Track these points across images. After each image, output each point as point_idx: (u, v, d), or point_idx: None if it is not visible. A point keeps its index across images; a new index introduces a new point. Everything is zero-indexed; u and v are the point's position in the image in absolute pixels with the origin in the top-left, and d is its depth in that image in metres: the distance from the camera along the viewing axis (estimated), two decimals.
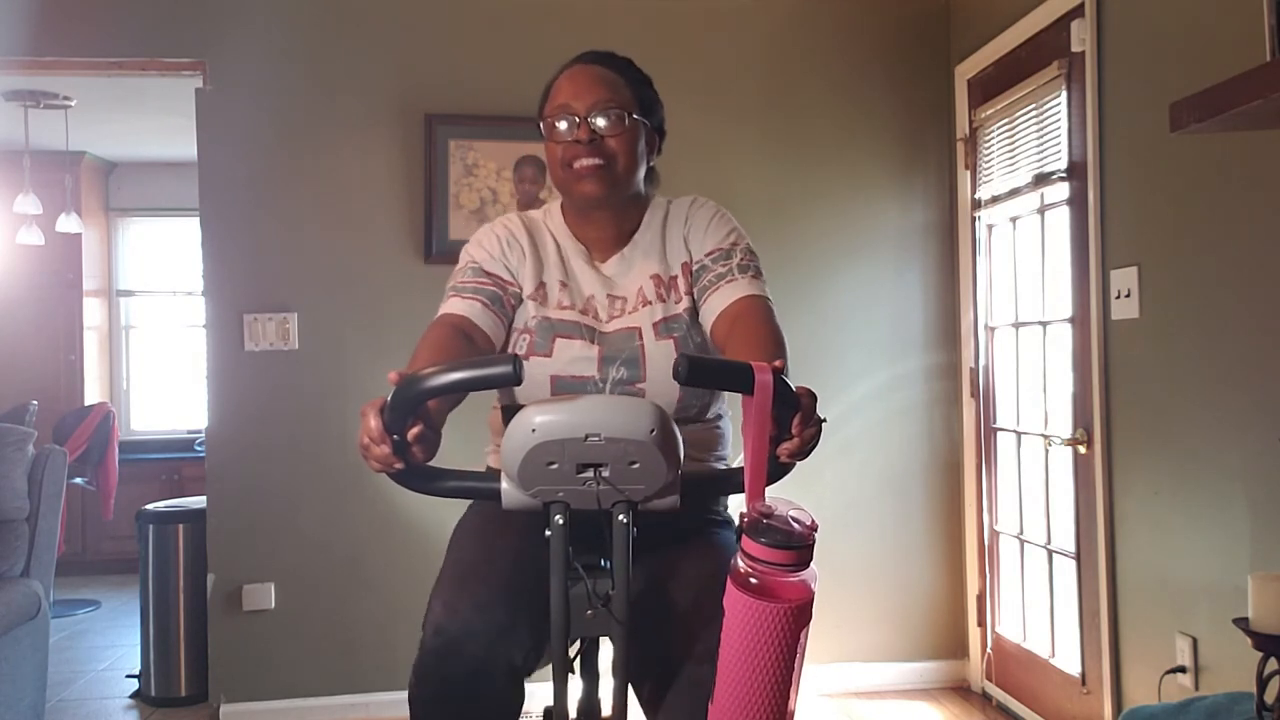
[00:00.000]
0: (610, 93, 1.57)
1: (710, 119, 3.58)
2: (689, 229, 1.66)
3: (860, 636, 3.60)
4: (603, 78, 1.58)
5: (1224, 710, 1.85)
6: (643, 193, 1.67)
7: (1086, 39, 2.76)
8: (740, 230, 1.67)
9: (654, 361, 1.56)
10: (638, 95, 1.61)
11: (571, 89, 1.57)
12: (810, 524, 1.14)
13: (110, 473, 5.36)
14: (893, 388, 3.65)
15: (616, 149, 1.56)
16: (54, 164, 5.87)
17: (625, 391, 1.55)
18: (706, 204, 1.70)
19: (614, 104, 1.56)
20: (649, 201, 1.69)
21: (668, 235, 1.67)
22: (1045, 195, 3.08)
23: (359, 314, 3.44)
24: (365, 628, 3.41)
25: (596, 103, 1.55)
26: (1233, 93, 1.73)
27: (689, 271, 1.64)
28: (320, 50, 3.45)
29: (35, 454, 3.15)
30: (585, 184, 1.57)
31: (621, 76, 1.61)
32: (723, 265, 1.60)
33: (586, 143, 1.55)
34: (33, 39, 3.35)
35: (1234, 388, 2.28)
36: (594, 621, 1.30)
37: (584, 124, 1.55)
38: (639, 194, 1.66)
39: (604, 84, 1.57)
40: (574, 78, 1.59)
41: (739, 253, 1.62)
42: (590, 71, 1.59)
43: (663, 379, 1.54)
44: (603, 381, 1.56)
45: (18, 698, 2.91)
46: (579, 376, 1.56)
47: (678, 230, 1.67)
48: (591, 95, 1.56)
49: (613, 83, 1.58)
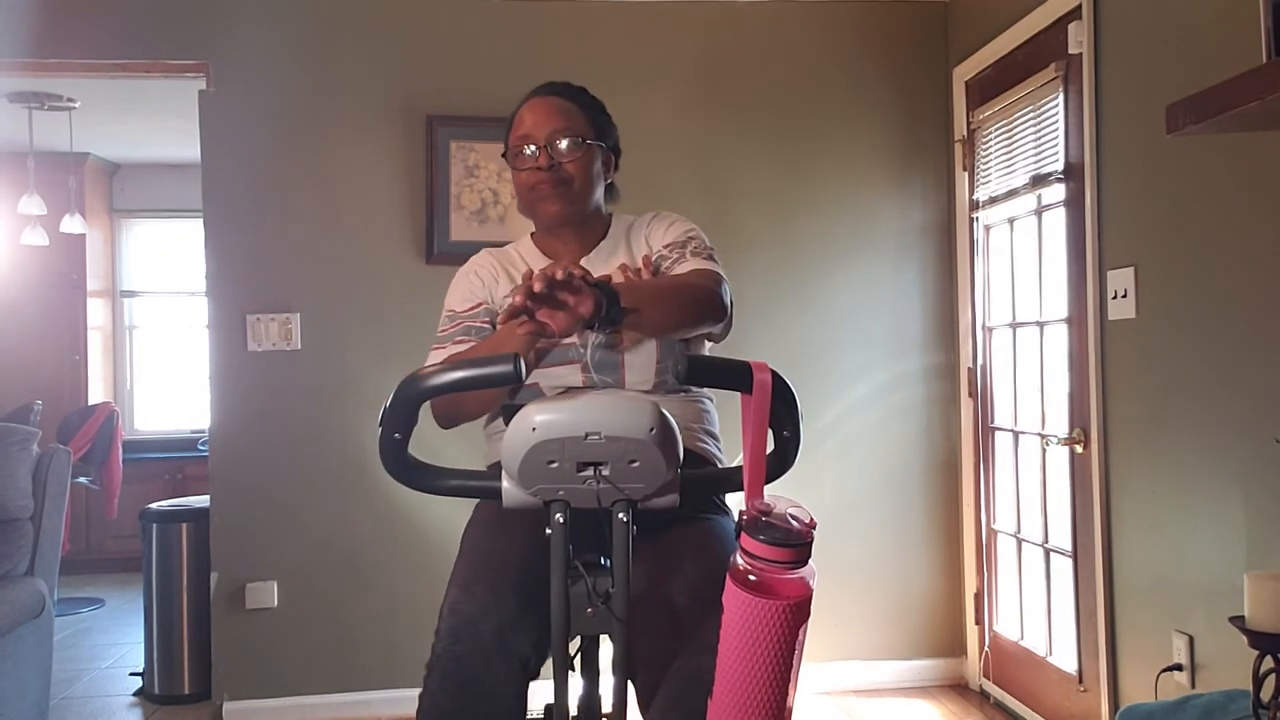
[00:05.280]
0: (566, 121, 1.72)
1: (710, 120, 3.59)
2: (650, 230, 1.81)
3: (858, 635, 3.62)
4: (559, 107, 1.74)
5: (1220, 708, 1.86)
6: (603, 209, 1.83)
7: (1084, 41, 2.77)
8: (698, 230, 1.81)
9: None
10: (592, 121, 1.76)
11: (532, 119, 1.73)
12: (809, 522, 1.15)
13: (114, 472, 5.38)
14: (891, 388, 3.66)
15: (574, 172, 1.72)
16: (58, 165, 5.88)
17: (606, 356, 1.63)
18: (668, 214, 1.84)
19: (570, 131, 1.72)
20: (611, 217, 1.85)
21: (631, 239, 1.82)
22: (1043, 196, 3.09)
23: (361, 314, 3.46)
24: (368, 626, 3.43)
25: (555, 131, 1.71)
26: (1229, 94, 1.73)
27: (649, 263, 1.76)
28: (323, 52, 3.46)
29: (40, 453, 3.17)
30: (548, 204, 1.73)
31: (576, 104, 1.76)
32: (677, 252, 1.75)
33: (547, 168, 1.70)
34: (37, 41, 3.36)
35: (1230, 388, 2.29)
36: (594, 619, 1.31)
37: (544, 150, 1.71)
38: (599, 210, 1.82)
39: (560, 113, 1.73)
40: (534, 109, 1.74)
41: (693, 243, 1.76)
42: (548, 103, 1.74)
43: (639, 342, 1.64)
44: (583, 348, 1.64)
45: (22, 695, 2.92)
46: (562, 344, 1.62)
47: (640, 234, 1.82)
48: (550, 124, 1.71)
49: (568, 111, 1.74)
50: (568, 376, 1.63)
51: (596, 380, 1.63)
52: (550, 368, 1.63)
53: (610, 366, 1.63)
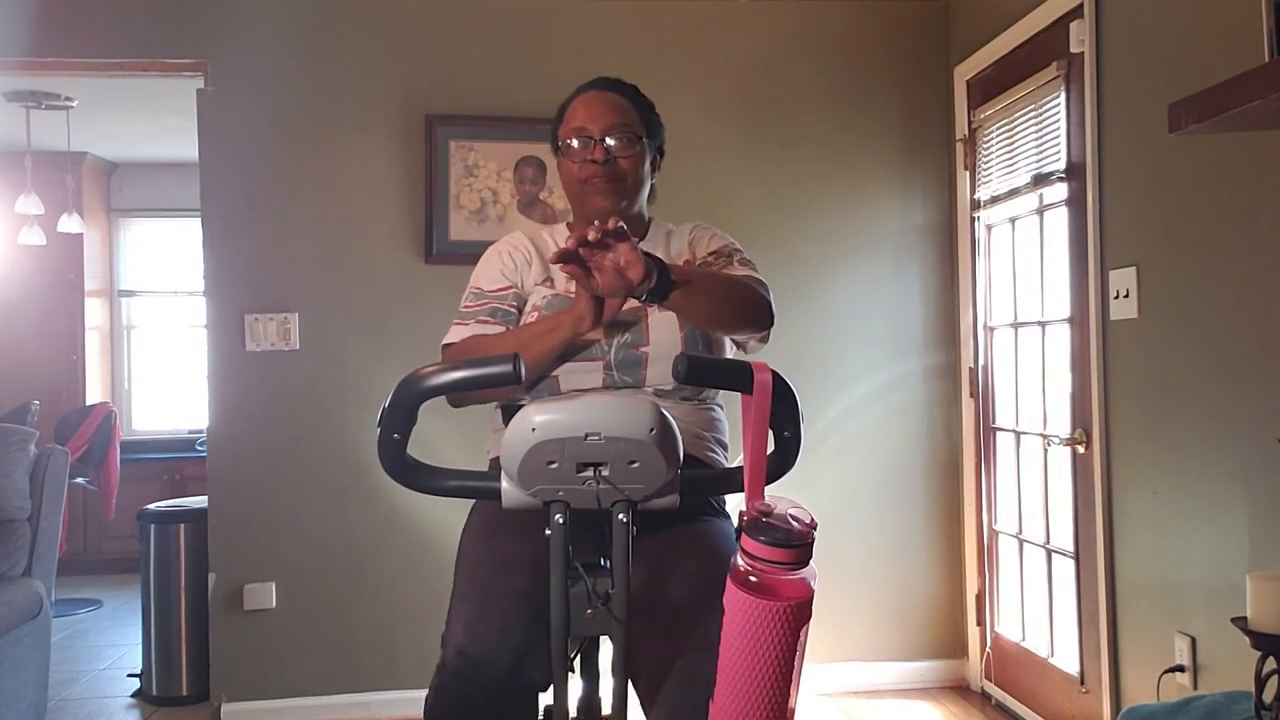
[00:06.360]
0: (622, 116, 1.73)
1: (710, 119, 3.58)
2: (692, 239, 1.81)
3: (859, 636, 3.61)
4: (615, 103, 1.74)
5: (1222, 709, 1.86)
6: (645, 212, 1.83)
7: (1085, 40, 2.77)
8: (738, 244, 1.82)
9: (657, 328, 1.64)
10: (645, 119, 1.77)
11: (586, 112, 1.73)
12: (809, 522, 1.14)
13: (112, 472, 5.37)
14: (892, 387, 3.65)
15: (627, 168, 1.72)
16: (55, 164, 5.88)
17: (629, 355, 1.62)
18: (709, 226, 1.85)
19: (626, 127, 1.72)
20: (651, 220, 1.85)
21: (671, 245, 1.79)
22: (1044, 196, 3.09)
23: (360, 314, 3.45)
24: (366, 627, 3.42)
25: (610, 126, 1.71)
26: (1231, 94, 1.73)
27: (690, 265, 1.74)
28: (321, 51, 3.45)
29: (37, 454, 3.16)
30: (600, 198, 1.72)
31: (631, 102, 1.76)
32: (723, 260, 1.75)
33: (602, 162, 1.70)
34: (34, 40, 3.35)
35: (1232, 388, 2.28)
36: (594, 621, 1.31)
37: (599, 145, 1.70)
38: (642, 213, 1.82)
39: (616, 108, 1.73)
40: (588, 102, 1.74)
41: (739, 255, 1.77)
42: (603, 97, 1.75)
43: (664, 344, 1.62)
44: (608, 347, 1.62)
45: (19, 697, 2.92)
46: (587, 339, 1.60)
47: (681, 242, 1.82)
48: (605, 119, 1.71)
49: (623, 107, 1.74)
50: (589, 374, 1.62)
51: (617, 379, 1.61)
52: (572, 364, 1.61)
53: (633, 366, 1.62)
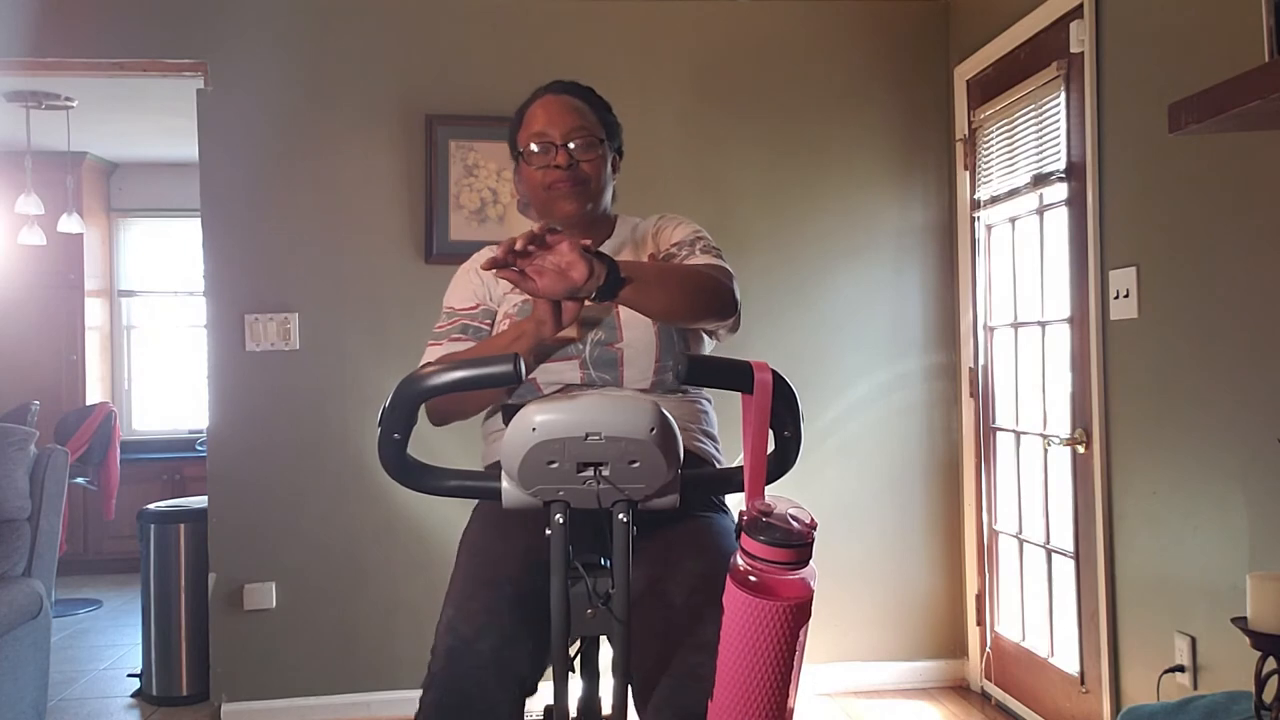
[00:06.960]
0: (582, 120, 1.71)
1: (710, 119, 3.58)
2: (657, 231, 1.79)
3: (859, 636, 3.61)
4: (574, 106, 1.72)
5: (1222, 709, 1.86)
6: (609, 211, 1.82)
7: (1085, 40, 2.77)
8: (705, 232, 1.78)
9: (629, 323, 1.63)
10: (603, 121, 1.75)
11: (546, 116, 1.71)
12: (809, 522, 1.14)
13: (112, 472, 5.37)
14: (892, 388, 3.65)
15: (590, 172, 1.71)
16: (55, 164, 5.87)
17: (604, 353, 1.62)
18: (674, 215, 1.82)
19: (586, 130, 1.71)
20: (616, 217, 1.84)
21: (637, 239, 1.79)
22: (1044, 196, 3.09)
23: (360, 314, 3.45)
24: (366, 627, 3.42)
25: (571, 130, 1.69)
26: (1231, 94, 1.73)
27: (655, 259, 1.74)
28: (321, 51, 3.45)
29: (37, 454, 3.16)
30: (565, 202, 1.70)
31: (589, 104, 1.75)
32: (686, 250, 1.72)
33: (566, 166, 1.68)
34: (34, 40, 3.35)
35: (1232, 388, 2.28)
36: (594, 621, 1.31)
37: (561, 150, 1.68)
38: (607, 212, 1.81)
39: (575, 112, 1.71)
40: (547, 106, 1.72)
41: (701, 242, 1.73)
42: (561, 101, 1.73)
43: (638, 339, 1.62)
44: (583, 344, 1.63)
45: (19, 697, 2.92)
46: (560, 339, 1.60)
47: (646, 235, 1.80)
48: (566, 123, 1.69)
49: (582, 111, 1.73)
50: (566, 373, 1.62)
51: (595, 377, 1.62)
52: (548, 363, 1.62)
53: (609, 364, 1.62)
